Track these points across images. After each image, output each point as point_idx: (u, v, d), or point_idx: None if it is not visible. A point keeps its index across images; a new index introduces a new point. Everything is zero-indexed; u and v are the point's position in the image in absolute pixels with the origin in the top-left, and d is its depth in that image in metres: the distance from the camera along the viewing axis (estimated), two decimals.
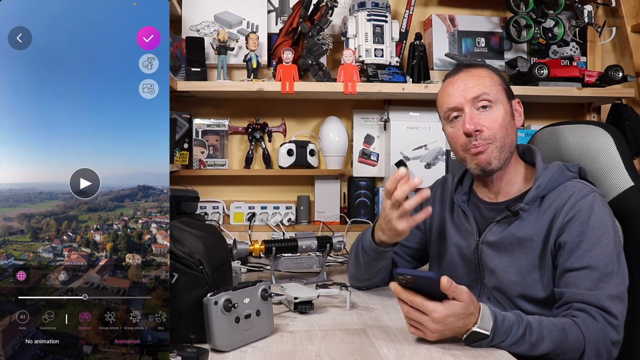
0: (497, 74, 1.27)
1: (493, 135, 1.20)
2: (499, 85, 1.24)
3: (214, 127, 2.08)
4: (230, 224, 2.06)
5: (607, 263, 1.09)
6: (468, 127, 1.19)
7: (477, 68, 1.26)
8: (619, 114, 2.02)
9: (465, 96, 1.21)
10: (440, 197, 1.41)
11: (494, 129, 1.20)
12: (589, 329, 1.04)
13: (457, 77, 1.25)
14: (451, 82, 1.26)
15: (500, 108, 1.22)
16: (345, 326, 1.15)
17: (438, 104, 1.30)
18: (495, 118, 1.20)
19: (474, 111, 1.21)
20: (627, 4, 2.08)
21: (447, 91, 1.26)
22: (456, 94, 1.23)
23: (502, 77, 1.27)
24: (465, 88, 1.22)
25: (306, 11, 1.88)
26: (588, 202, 1.14)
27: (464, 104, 1.21)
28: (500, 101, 1.22)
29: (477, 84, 1.22)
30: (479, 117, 1.21)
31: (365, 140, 2.12)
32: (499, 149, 1.21)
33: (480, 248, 1.25)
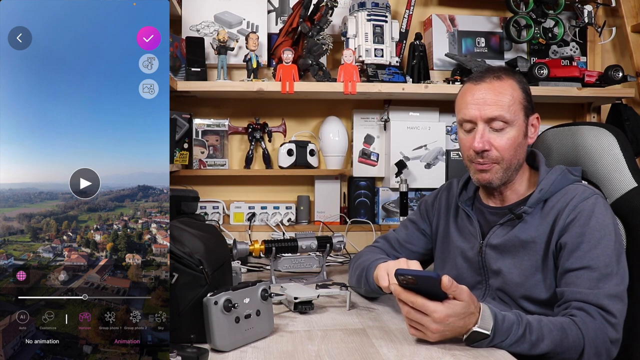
0: (520, 87, 1.23)
1: (501, 157, 1.20)
2: (519, 104, 1.21)
3: (214, 127, 2.08)
4: (230, 224, 2.06)
5: (606, 264, 1.10)
6: (477, 145, 1.19)
7: (502, 80, 1.21)
8: (619, 114, 2.02)
9: (481, 112, 1.19)
10: (445, 202, 1.41)
11: (503, 150, 1.19)
12: (587, 328, 1.05)
13: (479, 88, 1.21)
14: (471, 91, 1.22)
15: (514, 129, 1.20)
16: (345, 326, 1.15)
17: (455, 106, 1.28)
18: (506, 140, 1.19)
19: (486, 129, 1.20)
20: (627, 4, 2.08)
21: (465, 99, 1.23)
22: (473, 106, 1.20)
23: (525, 91, 1.24)
24: (484, 103, 1.19)
25: (306, 11, 1.88)
26: (589, 204, 1.15)
27: (478, 119, 1.20)
28: (516, 121, 1.20)
29: (497, 102, 1.19)
30: (490, 137, 1.19)
31: (365, 140, 2.12)
32: (503, 170, 1.21)
33: (484, 250, 1.25)
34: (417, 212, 1.49)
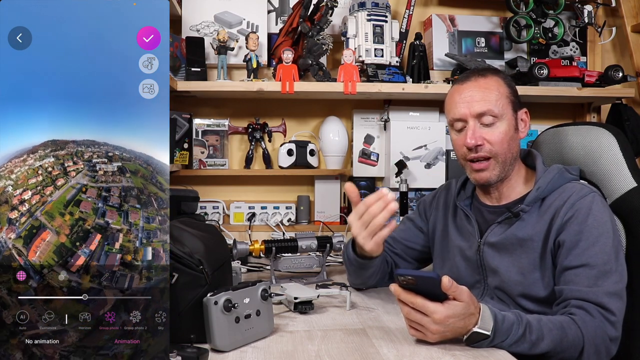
0: (506, 83, 1.25)
1: (494, 151, 1.21)
2: (506, 98, 1.23)
3: (214, 127, 2.08)
4: (230, 224, 2.06)
5: (605, 261, 1.10)
6: (469, 141, 1.21)
7: (487, 77, 1.24)
8: (619, 114, 2.02)
9: (470, 109, 1.21)
10: (444, 202, 1.42)
11: (496, 144, 1.21)
12: (587, 326, 1.05)
13: (465, 87, 1.24)
14: (458, 91, 1.25)
15: (504, 123, 1.22)
16: (345, 326, 1.15)
17: (445, 108, 1.30)
18: (498, 134, 1.21)
19: (477, 125, 1.22)
20: (627, 4, 2.08)
21: (453, 99, 1.26)
22: (462, 104, 1.23)
23: (511, 87, 1.26)
24: (471, 100, 1.22)
25: (306, 11, 1.88)
26: (587, 202, 1.16)
27: (468, 116, 1.22)
28: (505, 115, 1.22)
29: (484, 98, 1.21)
30: (481, 132, 1.21)
31: (365, 140, 2.12)
32: (499, 165, 1.22)
33: (482, 249, 1.25)
34: (415, 211, 1.50)
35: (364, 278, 1.36)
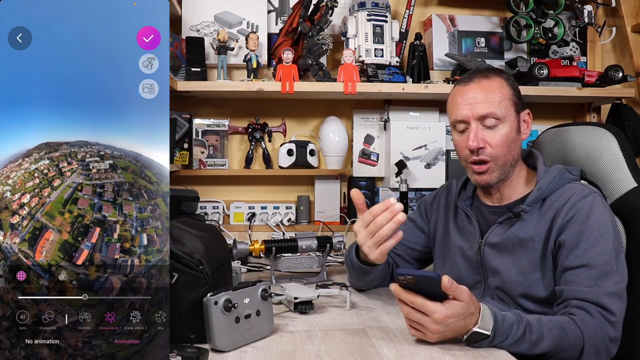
0: (509, 84, 1.25)
1: (495, 154, 1.21)
2: (509, 100, 1.23)
3: (214, 127, 2.08)
4: (230, 224, 2.06)
5: (605, 262, 1.10)
6: (471, 144, 1.20)
7: (490, 79, 1.23)
8: (619, 114, 2.02)
9: (473, 111, 1.21)
10: (444, 202, 1.42)
11: (497, 147, 1.21)
12: (587, 326, 1.05)
13: (468, 88, 1.23)
14: (461, 92, 1.24)
15: (506, 125, 1.21)
16: (345, 326, 1.15)
17: (447, 110, 1.30)
18: (500, 137, 1.21)
19: (479, 127, 1.21)
20: (627, 4, 2.08)
21: (456, 100, 1.25)
22: (464, 106, 1.22)
23: (514, 88, 1.25)
24: (474, 102, 1.21)
25: (306, 11, 1.88)
26: (588, 203, 1.16)
27: (471, 118, 1.21)
28: (507, 117, 1.21)
29: (487, 100, 1.21)
30: (483, 134, 1.21)
31: (365, 140, 2.12)
32: (500, 167, 1.22)
33: (483, 249, 1.25)
34: (416, 211, 1.50)
35: (366, 282, 1.36)
